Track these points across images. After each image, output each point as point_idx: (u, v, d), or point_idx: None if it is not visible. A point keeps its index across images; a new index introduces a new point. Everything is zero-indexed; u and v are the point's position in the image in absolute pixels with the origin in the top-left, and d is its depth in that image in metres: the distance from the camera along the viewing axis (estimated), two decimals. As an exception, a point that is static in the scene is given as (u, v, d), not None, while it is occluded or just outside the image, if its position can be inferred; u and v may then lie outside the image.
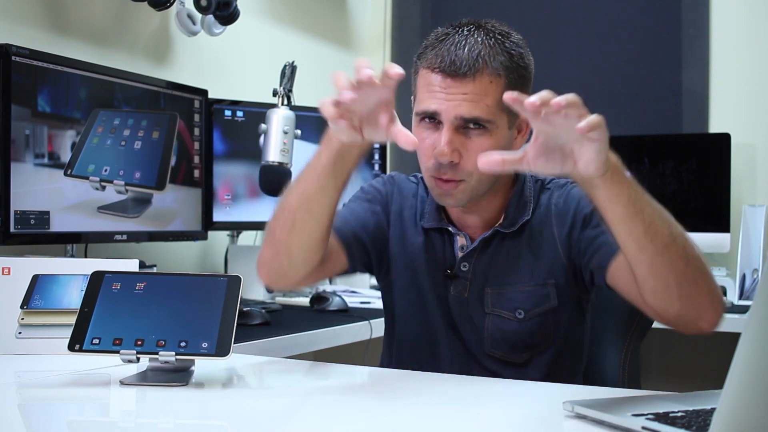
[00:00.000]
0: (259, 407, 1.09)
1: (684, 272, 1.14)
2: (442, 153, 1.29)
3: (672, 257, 1.13)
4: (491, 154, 1.13)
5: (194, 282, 1.24)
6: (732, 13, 2.89)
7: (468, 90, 1.28)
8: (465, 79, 1.28)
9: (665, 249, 1.13)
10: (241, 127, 2.38)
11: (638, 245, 1.13)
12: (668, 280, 1.15)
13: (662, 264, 1.14)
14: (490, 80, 1.29)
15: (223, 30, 2.45)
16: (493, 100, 1.29)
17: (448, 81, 1.29)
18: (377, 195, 1.50)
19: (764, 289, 0.68)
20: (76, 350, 1.16)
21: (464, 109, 1.28)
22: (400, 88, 1.15)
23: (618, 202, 1.11)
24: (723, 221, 2.71)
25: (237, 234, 2.51)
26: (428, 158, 1.32)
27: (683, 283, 1.15)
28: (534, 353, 1.39)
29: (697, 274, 1.15)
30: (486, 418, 1.05)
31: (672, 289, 1.15)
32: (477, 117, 1.29)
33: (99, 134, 1.93)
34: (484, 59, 1.29)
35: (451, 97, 1.28)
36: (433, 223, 1.44)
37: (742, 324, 0.68)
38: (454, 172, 1.31)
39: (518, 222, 1.39)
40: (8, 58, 1.71)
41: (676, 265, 1.14)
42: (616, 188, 1.10)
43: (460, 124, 1.29)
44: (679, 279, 1.15)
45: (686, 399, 1.01)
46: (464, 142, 1.30)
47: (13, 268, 1.46)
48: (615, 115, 3.05)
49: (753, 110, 2.84)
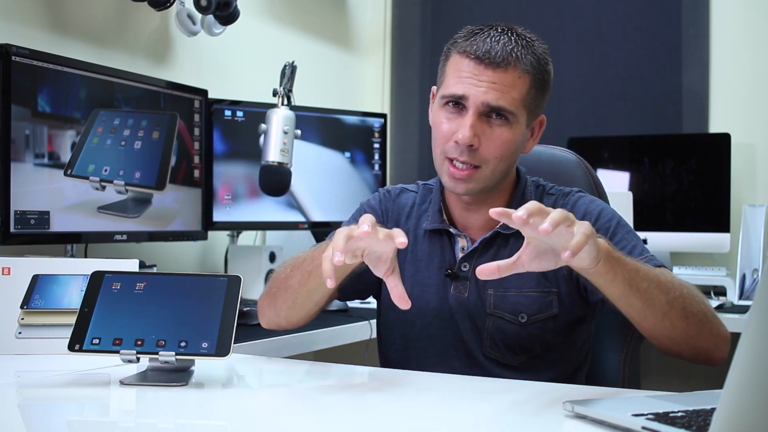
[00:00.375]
0: (259, 407, 1.09)
1: (686, 329, 1.21)
2: (464, 135, 1.33)
3: (672, 320, 1.20)
4: (488, 265, 1.15)
5: (194, 282, 1.24)
6: (732, 13, 2.89)
7: (497, 80, 1.33)
8: (497, 69, 1.33)
9: (664, 316, 1.20)
10: (241, 127, 2.38)
11: (639, 316, 1.21)
12: (672, 337, 1.23)
13: (663, 327, 1.22)
14: (519, 75, 1.34)
15: (223, 30, 2.45)
16: (519, 94, 1.34)
17: (480, 68, 1.33)
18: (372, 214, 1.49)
19: (764, 289, 0.68)
20: (76, 350, 1.16)
21: (492, 97, 1.33)
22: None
23: (614, 285, 1.17)
24: (723, 221, 2.71)
25: (237, 234, 2.51)
26: (446, 141, 1.36)
27: (686, 337, 1.22)
28: (529, 357, 1.40)
29: (698, 326, 1.22)
30: (486, 417, 1.05)
31: (677, 342, 1.23)
32: (502, 107, 1.33)
33: (99, 134, 1.93)
34: (516, 55, 1.34)
35: (480, 83, 1.33)
36: (435, 225, 1.46)
37: (742, 324, 0.68)
38: (472, 156, 1.34)
39: None
40: (8, 58, 1.71)
41: (677, 325, 1.21)
42: (610, 274, 1.15)
43: (484, 111, 1.34)
44: (682, 335, 1.22)
45: (686, 399, 1.01)
46: (485, 129, 1.34)
47: (13, 268, 1.46)
48: (615, 115, 3.09)
49: (753, 110, 2.84)
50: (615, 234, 1.37)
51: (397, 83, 3.41)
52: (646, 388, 1.20)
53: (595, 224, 1.35)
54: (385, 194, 1.55)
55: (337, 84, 3.25)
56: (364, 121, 2.69)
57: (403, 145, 3.38)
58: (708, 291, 2.68)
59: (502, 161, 1.36)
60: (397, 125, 3.38)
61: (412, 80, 3.38)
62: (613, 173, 2.90)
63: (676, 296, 1.20)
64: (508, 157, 1.37)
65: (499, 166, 1.36)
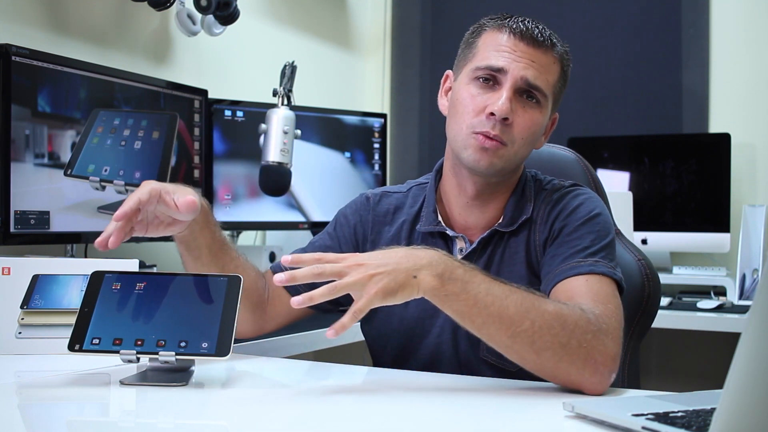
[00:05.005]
0: (259, 407, 1.09)
1: (537, 361, 1.15)
2: (503, 106, 1.29)
3: (519, 353, 1.16)
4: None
5: (194, 282, 1.24)
6: (732, 13, 2.89)
7: (536, 59, 1.32)
8: (537, 48, 1.33)
9: (508, 348, 1.16)
10: (241, 127, 2.38)
11: (486, 339, 1.17)
12: (529, 367, 1.17)
13: (514, 358, 1.17)
14: (553, 60, 1.35)
15: (223, 30, 2.45)
16: (552, 78, 1.34)
17: (521, 45, 1.32)
18: (344, 226, 1.48)
19: (764, 289, 0.68)
20: (76, 350, 1.16)
21: (531, 74, 1.31)
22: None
23: (450, 313, 1.16)
24: (723, 221, 2.71)
25: (237, 234, 2.51)
26: (476, 115, 1.32)
27: (543, 369, 1.16)
28: None
29: (554, 359, 1.14)
30: (486, 417, 1.05)
31: (539, 371, 1.17)
32: (538, 86, 1.32)
33: (99, 134, 1.93)
34: (552, 40, 1.35)
35: (519, 59, 1.32)
36: (430, 227, 1.41)
37: (742, 324, 0.68)
38: (503, 131, 1.31)
39: (518, 221, 1.38)
40: (8, 58, 1.71)
41: (528, 357, 1.15)
42: (445, 306, 1.15)
43: (521, 87, 1.31)
44: (535, 367, 1.16)
45: (686, 399, 1.01)
46: (516, 108, 1.32)
47: (13, 268, 1.46)
48: (615, 115, 3.09)
49: (753, 110, 2.84)
50: (574, 231, 1.32)
51: (397, 83, 3.41)
52: (646, 388, 1.20)
53: (562, 219, 1.34)
54: (363, 202, 1.50)
55: (337, 84, 3.25)
56: (364, 121, 2.69)
57: (403, 145, 3.38)
58: (708, 291, 2.68)
59: (526, 145, 1.34)
60: (397, 125, 3.38)
61: (412, 80, 3.39)
62: (613, 173, 2.90)
63: (524, 329, 1.13)
64: (531, 141, 1.35)
65: (522, 150, 1.33)
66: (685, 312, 2.45)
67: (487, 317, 1.14)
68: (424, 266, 1.14)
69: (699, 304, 2.50)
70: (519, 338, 1.14)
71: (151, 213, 1.28)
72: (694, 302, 2.54)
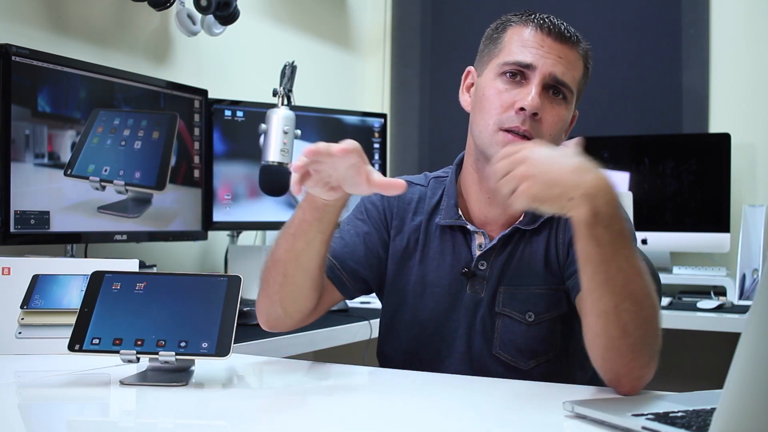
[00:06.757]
0: (259, 407, 1.09)
1: (613, 342, 1.11)
2: (533, 101, 1.29)
3: (606, 324, 1.11)
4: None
5: (194, 282, 1.24)
6: (732, 13, 2.89)
7: (563, 54, 1.32)
8: (564, 45, 1.33)
9: (601, 314, 1.11)
10: (241, 127, 2.38)
11: (588, 294, 1.13)
12: (597, 339, 1.14)
13: (598, 322, 1.12)
14: (578, 57, 1.35)
15: (223, 30, 2.45)
16: (578, 75, 1.35)
17: (548, 41, 1.32)
18: (373, 211, 1.46)
19: (764, 289, 0.68)
20: (76, 350, 1.16)
21: (559, 70, 1.31)
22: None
23: (580, 251, 1.11)
24: (723, 221, 2.71)
25: (237, 234, 2.51)
26: (504, 110, 1.31)
27: (610, 349, 1.12)
28: (540, 361, 1.34)
29: (627, 349, 1.11)
30: (486, 417, 1.05)
31: (606, 349, 1.13)
32: (566, 82, 1.32)
33: (99, 134, 1.93)
34: (577, 37, 1.35)
35: (548, 54, 1.31)
36: (450, 221, 1.40)
37: (742, 324, 0.68)
38: (533, 127, 1.30)
39: (539, 219, 1.36)
40: (8, 58, 1.71)
41: (610, 333, 1.11)
42: (580, 242, 1.10)
43: (549, 83, 1.31)
44: (606, 344, 1.12)
45: (686, 399, 1.01)
46: (545, 103, 1.31)
47: (13, 268, 1.46)
48: (615, 115, 3.09)
49: (753, 110, 2.84)
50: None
51: (397, 83, 3.41)
52: (647, 388, 1.19)
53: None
54: None
55: (337, 84, 3.25)
56: (364, 121, 2.70)
57: (403, 145, 3.38)
58: (708, 291, 2.68)
59: (552, 141, 1.31)
60: (397, 125, 3.38)
61: (412, 80, 3.39)
62: (613, 173, 2.90)
63: (631, 311, 1.10)
64: (558, 138, 1.33)
65: (551, 144, 1.29)
66: (685, 312, 2.45)
67: (608, 281, 1.09)
68: (586, 194, 1.09)
69: (699, 304, 2.50)
70: (619, 316, 1.09)
71: (333, 170, 1.19)
72: (694, 302, 2.55)
